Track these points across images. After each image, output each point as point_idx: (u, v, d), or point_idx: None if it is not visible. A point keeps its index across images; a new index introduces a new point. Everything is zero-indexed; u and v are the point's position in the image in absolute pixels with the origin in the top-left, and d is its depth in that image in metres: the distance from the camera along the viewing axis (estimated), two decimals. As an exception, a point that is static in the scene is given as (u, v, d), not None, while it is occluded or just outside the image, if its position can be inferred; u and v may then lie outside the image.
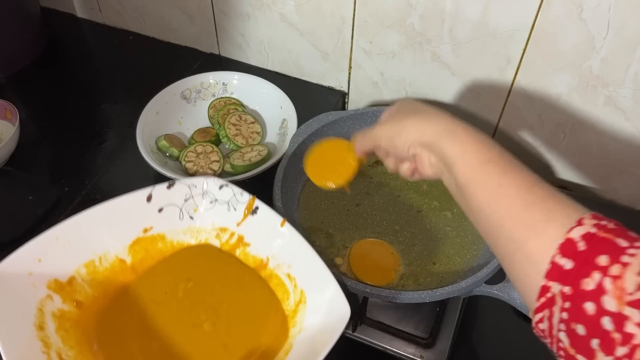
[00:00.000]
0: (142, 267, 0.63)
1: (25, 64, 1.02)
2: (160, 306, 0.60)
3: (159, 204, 0.63)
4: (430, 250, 0.71)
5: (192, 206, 0.63)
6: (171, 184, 0.62)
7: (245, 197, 0.63)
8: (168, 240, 0.64)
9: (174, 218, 0.63)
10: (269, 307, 0.60)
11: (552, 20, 0.72)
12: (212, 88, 0.92)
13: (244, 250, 0.63)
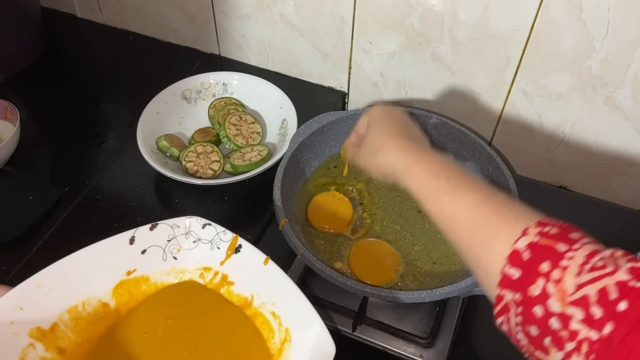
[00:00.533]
0: (126, 310, 0.62)
1: (25, 64, 1.02)
2: (142, 347, 0.60)
3: (142, 245, 0.62)
4: (430, 250, 0.71)
5: (176, 246, 0.63)
6: (154, 226, 0.62)
7: (229, 235, 0.63)
8: (152, 282, 0.64)
9: (157, 259, 0.63)
10: (253, 345, 0.60)
11: (552, 21, 0.72)
12: (213, 88, 0.92)
13: (228, 289, 0.63)
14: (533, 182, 0.90)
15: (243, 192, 0.82)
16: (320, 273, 0.64)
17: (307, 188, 0.78)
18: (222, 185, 0.78)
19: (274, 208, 0.69)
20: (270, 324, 0.60)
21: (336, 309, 0.69)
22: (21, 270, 0.72)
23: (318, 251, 0.71)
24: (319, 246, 0.72)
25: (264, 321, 0.60)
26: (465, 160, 0.79)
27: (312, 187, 0.78)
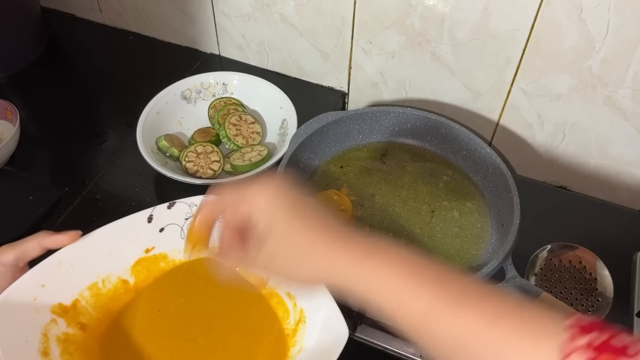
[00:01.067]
0: (144, 287, 0.63)
1: (25, 64, 1.02)
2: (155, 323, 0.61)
3: (160, 224, 0.63)
4: (431, 250, 0.71)
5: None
6: (171, 204, 0.63)
7: None
8: (170, 259, 0.64)
9: (175, 237, 0.64)
10: (266, 325, 0.60)
11: (552, 21, 0.72)
12: (213, 88, 0.92)
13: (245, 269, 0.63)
14: (533, 182, 0.90)
15: (243, 192, 0.82)
16: (320, 273, 0.63)
17: (307, 188, 0.78)
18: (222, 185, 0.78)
19: (274, 208, 0.69)
20: (286, 304, 0.60)
21: (336, 309, 0.69)
22: (21, 270, 0.73)
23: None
24: (319, 246, 0.72)
25: (279, 301, 0.61)
26: (465, 161, 0.80)
27: (312, 187, 0.78)
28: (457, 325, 0.38)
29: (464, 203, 0.76)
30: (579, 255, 0.73)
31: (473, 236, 0.73)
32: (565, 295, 0.71)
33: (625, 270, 0.76)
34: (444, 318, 0.39)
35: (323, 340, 0.55)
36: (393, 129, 0.83)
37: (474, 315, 0.38)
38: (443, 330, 0.39)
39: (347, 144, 0.83)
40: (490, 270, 0.63)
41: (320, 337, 0.56)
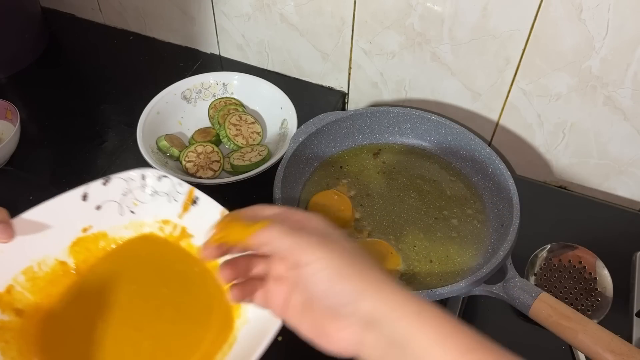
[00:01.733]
0: (86, 268, 0.61)
1: (25, 64, 1.02)
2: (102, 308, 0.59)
3: (95, 201, 0.61)
4: (430, 250, 0.71)
5: (132, 200, 0.62)
6: (107, 180, 0.61)
7: (185, 187, 0.61)
8: (110, 237, 0.62)
9: (113, 214, 0.62)
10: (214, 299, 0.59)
11: (552, 21, 0.72)
12: (213, 88, 0.92)
13: (188, 242, 0.62)
14: (533, 182, 0.90)
15: (243, 192, 0.82)
16: (320, 273, 0.64)
17: (307, 188, 0.78)
18: (222, 185, 0.78)
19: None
20: None
21: (336, 308, 0.69)
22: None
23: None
24: (319, 246, 0.72)
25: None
26: (465, 161, 0.80)
27: (312, 187, 0.78)
28: None
29: (464, 203, 0.76)
30: (579, 255, 0.73)
31: (473, 236, 0.73)
32: (565, 295, 0.71)
33: (625, 270, 0.76)
34: None
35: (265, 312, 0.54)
36: (393, 129, 0.83)
37: None
38: None
39: (347, 144, 0.83)
40: (491, 270, 0.63)
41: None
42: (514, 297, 0.62)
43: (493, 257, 0.64)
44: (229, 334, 0.56)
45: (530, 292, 0.61)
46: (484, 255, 0.70)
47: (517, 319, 0.71)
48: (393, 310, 0.39)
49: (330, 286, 0.40)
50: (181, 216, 0.62)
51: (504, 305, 0.65)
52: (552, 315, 0.59)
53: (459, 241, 0.72)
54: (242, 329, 0.56)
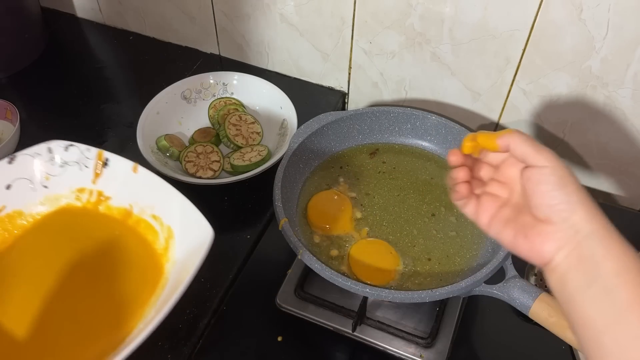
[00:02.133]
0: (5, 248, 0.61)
1: (25, 64, 1.02)
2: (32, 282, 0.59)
3: (4, 181, 0.61)
4: (430, 250, 0.71)
5: (43, 175, 0.62)
6: (12, 159, 0.61)
7: (93, 152, 0.62)
8: (27, 214, 0.62)
9: (25, 191, 0.61)
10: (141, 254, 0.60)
11: (552, 21, 0.72)
12: (213, 88, 0.92)
13: (106, 205, 0.63)
14: (533, 182, 0.90)
15: (243, 192, 0.82)
16: (320, 273, 0.64)
17: (307, 188, 0.78)
18: (222, 185, 0.78)
19: (274, 208, 0.69)
20: (153, 227, 0.60)
21: (336, 309, 0.69)
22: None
23: (318, 251, 0.71)
24: (319, 246, 0.72)
25: (147, 226, 0.61)
26: (465, 160, 0.80)
27: (312, 187, 0.78)
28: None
29: (464, 203, 0.76)
30: (579, 255, 0.73)
31: (473, 236, 0.73)
32: (565, 295, 0.71)
33: (625, 270, 0.76)
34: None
35: (190, 246, 0.56)
36: (393, 129, 0.83)
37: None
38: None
39: (347, 144, 0.83)
40: (490, 270, 0.63)
41: (188, 244, 0.56)
42: (514, 297, 0.62)
43: (493, 257, 0.64)
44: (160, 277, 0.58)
45: (530, 292, 0.61)
46: (484, 255, 0.70)
47: (517, 319, 0.71)
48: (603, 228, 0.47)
49: (553, 189, 0.46)
50: (95, 181, 0.62)
51: (504, 305, 0.65)
52: (552, 316, 0.59)
53: (459, 241, 0.72)
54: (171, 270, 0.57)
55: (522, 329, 0.70)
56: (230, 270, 0.74)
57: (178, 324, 0.69)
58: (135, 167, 0.61)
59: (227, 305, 0.71)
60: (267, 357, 0.68)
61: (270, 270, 0.75)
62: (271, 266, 0.75)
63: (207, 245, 0.54)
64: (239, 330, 0.69)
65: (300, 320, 0.70)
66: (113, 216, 0.62)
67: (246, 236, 0.78)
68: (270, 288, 0.72)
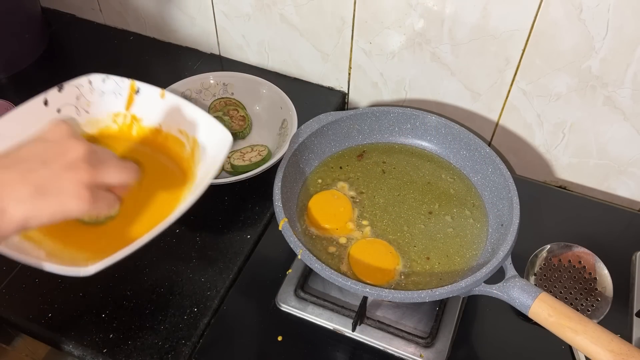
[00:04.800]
0: None
1: (26, 64, 1.02)
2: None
3: (55, 105, 0.70)
4: (430, 250, 0.71)
5: (85, 102, 0.72)
6: (60, 87, 0.70)
7: (126, 82, 0.72)
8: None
9: (72, 115, 0.71)
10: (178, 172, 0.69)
11: (552, 21, 0.72)
12: (213, 88, 0.92)
13: (139, 126, 0.72)
14: (533, 182, 0.90)
15: (243, 192, 0.82)
16: (320, 273, 0.64)
17: (307, 188, 0.78)
18: (222, 185, 0.79)
19: (274, 208, 0.69)
20: (180, 139, 0.70)
21: (336, 309, 0.70)
22: (21, 271, 0.73)
23: (318, 251, 0.71)
24: (319, 246, 0.72)
25: (174, 139, 0.70)
26: (465, 161, 0.80)
27: (312, 187, 0.78)
28: None
29: (464, 203, 0.76)
30: (579, 255, 0.74)
31: (473, 236, 0.73)
32: (565, 295, 0.71)
33: (625, 270, 0.76)
34: None
35: (212, 150, 0.65)
36: (393, 129, 0.83)
37: None
38: None
39: (347, 144, 0.83)
40: (490, 270, 0.63)
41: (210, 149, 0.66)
42: (513, 297, 0.62)
43: (493, 257, 0.64)
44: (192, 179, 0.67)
45: (530, 292, 0.61)
46: (484, 255, 0.70)
47: (517, 319, 0.71)
48: None
49: None
50: (128, 107, 0.72)
51: (504, 305, 0.65)
52: (552, 315, 0.59)
53: (459, 241, 0.72)
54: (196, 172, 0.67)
55: (522, 329, 0.70)
56: (230, 270, 0.74)
57: (178, 324, 0.69)
58: (162, 93, 0.71)
59: (227, 305, 0.71)
60: (267, 357, 0.68)
61: (270, 270, 0.75)
62: (271, 266, 0.75)
63: (227, 146, 0.63)
64: (239, 330, 0.69)
65: (300, 320, 0.70)
66: (145, 135, 0.72)
67: (246, 236, 0.78)
68: (270, 288, 0.72)
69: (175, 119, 0.71)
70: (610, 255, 0.73)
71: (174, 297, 0.71)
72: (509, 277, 0.64)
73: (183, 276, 0.73)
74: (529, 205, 0.71)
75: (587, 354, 0.57)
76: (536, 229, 0.77)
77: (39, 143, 0.51)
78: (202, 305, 0.71)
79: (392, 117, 0.82)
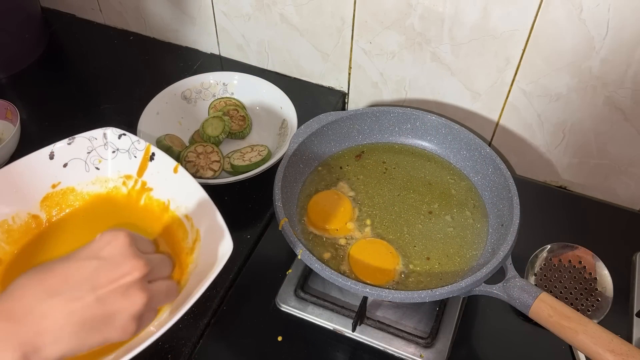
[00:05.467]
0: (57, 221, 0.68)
1: (26, 64, 1.02)
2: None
3: (62, 159, 0.67)
4: (430, 250, 0.71)
5: (96, 157, 0.68)
6: (71, 140, 0.67)
7: (142, 144, 0.68)
8: (78, 192, 0.69)
9: (80, 171, 0.68)
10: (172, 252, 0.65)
11: (552, 21, 0.72)
12: (213, 88, 0.92)
13: (148, 195, 0.68)
14: (533, 182, 0.90)
15: (243, 192, 0.82)
16: (320, 273, 0.64)
17: (307, 188, 0.78)
18: (222, 185, 0.78)
19: (274, 208, 0.69)
20: (185, 226, 0.65)
21: (336, 309, 0.70)
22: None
23: (318, 251, 0.71)
24: (319, 246, 0.72)
25: (179, 224, 0.65)
26: (466, 161, 0.80)
27: (312, 187, 0.78)
28: None
29: (464, 203, 0.76)
30: (579, 255, 0.73)
31: (473, 236, 0.73)
32: (565, 295, 0.71)
33: (625, 270, 0.76)
34: None
35: (210, 255, 0.59)
36: (393, 129, 0.83)
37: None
38: None
39: (347, 144, 0.83)
40: (490, 270, 0.63)
41: (209, 252, 0.60)
42: (514, 297, 0.62)
43: (493, 257, 0.64)
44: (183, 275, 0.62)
45: (530, 292, 0.61)
46: (484, 255, 0.70)
47: (517, 319, 0.71)
48: None
49: None
50: (141, 171, 0.69)
51: (504, 305, 0.65)
52: (552, 315, 0.59)
53: (459, 241, 0.72)
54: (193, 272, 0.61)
55: (522, 329, 0.70)
56: (230, 270, 0.74)
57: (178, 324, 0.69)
58: (176, 167, 0.66)
59: (227, 305, 0.71)
60: (267, 357, 0.68)
61: (270, 270, 0.75)
62: (271, 266, 0.75)
63: (226, 257, 0.57)
64: (239, 330, 0.69)
65: (300, 320, 0.70)
66: (153, 208, 0.68)
67: (246, 236, 0.78)
68: (270, 288, 0.72)
69: (184, 201, 0.66)
70: (610, 255, 0.73)
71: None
72: (509, 277, 0.64)
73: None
74: (529, 205, 0.71)
75: (587, 354, 0.57)
76: (536, 229, 0.77)
77: (91, 261, 0.44)
78: (202, 305, 0.70)
79: (392, 117, 0.82)
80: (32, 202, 0.66)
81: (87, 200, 0.69)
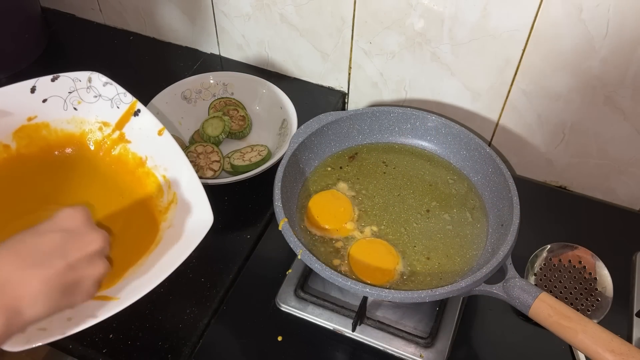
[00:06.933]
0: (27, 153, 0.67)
1: (25, 64, 1.02)
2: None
3: (42, 95, 0.67)
4: (430, 250, 0.71)
5: (77, 98, 0.68)
6: (55, 77, 0.67)
7: (129, 98, 0.67)
8: (52, 129, 0.68)
9: (58, 108, 0.68)
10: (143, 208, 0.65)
11: (552, 21, 0.72)
12: (213, 88, 0.92)
13: (125, 147, 0.68)
14: (533, 182, 0.90)
15: (243, 192, 0.82)
16: (320, 273, 0.64)
17: (307, 188, 0.78)
18: (222, 185, 0.79)
19: (274, 208, 0.69)
20: (161, 185, 0.65)
21: (336, 309, 0.70)
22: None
23: (318, 251, 0.71)
24: (318, 246, 0.72)
25: (155, 181, 0.65)
26: (465, 161, 0.80)
27: (312, 187, 0.78)
28: None
29: (464, 203, 0.76)
30: (579, 255, 0.74)
31: (473, 236, 0.73)
32: (565, 295, 0.71)
33: (625, 270, 0.76)
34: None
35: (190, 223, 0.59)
36: (393, 129, 0.83)
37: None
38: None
39: (347, 144, 0.83)
40: (490, 270, 0.63)
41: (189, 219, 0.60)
42: (514, 297, 0.62)
43: (493, 257, 0.64)
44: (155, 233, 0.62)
45: (530, 292, 0.61)
46: (484, 255, 0.70)
47: (517, 319, 0.71)
48: None
49: None
50: (121, 123, 0.68)
51: (504, 305, 0.65)
52: (552, 315, 0.59)
53: (459, 241, 0.72)
54: (166, 230, 0.61)
55: (522, 329, 0.70)
56: (230, 270, 0.74)
57: (178, 324, 0.69)
58: (161, 130, 0.65)
59: (227, 305, 0.71)
60: (267, 357, 0.68)
61: (270, 270, 0.75)
62: (271, 266, 0.75)
63: (206, 229, 0.57)
64: (239, 330, 0.69)
65: (300, 320, 0.70)
66: (127, 160, 0.67)
67: (246, 236, 0.78)
68: (270, 288, 0.72)
69: (164, 163, 0.66)
70: (610, 255, 0.73)
71: (174, 297, 0.71)
72: (509, 277, 0.64)
73: (183, 276, 0.73)
74: (529, 205, 0.71)
75: (587, 353, 0.57)
76: (536, 229, 0.77)
77: (57, 233, 0.50)
78: (202, 305, 0.71)
79: (392, 117, 0.82)
80: (5, 132, 0.66)
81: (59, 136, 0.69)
